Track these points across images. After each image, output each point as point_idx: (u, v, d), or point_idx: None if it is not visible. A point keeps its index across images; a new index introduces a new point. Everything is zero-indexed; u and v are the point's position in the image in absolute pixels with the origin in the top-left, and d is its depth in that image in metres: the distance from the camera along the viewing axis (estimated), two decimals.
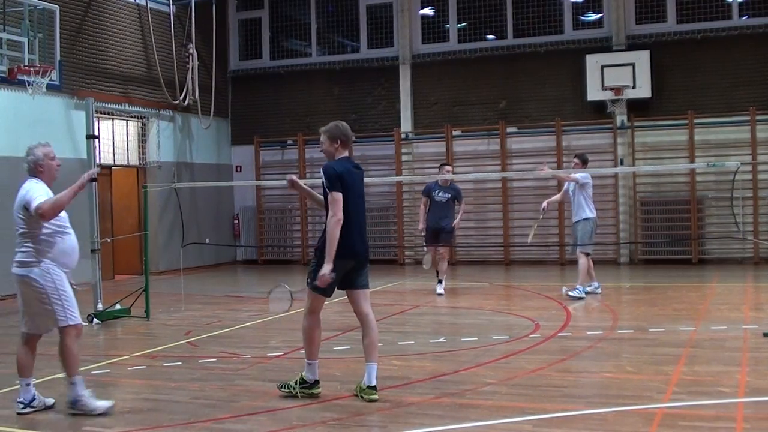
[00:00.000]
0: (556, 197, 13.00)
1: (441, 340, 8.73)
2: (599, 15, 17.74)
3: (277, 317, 10.69)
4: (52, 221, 6.13)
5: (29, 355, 6.29)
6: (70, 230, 6.30)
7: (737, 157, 15.12)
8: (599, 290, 12.01)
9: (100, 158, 14.96)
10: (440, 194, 12.46)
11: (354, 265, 6.35)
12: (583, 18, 17.92)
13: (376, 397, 6.19)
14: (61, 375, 7.37)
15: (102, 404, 6.10)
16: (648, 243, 17.35)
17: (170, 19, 17.73)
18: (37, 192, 6.22)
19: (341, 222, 6.11)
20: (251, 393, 6.68)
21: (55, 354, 8.41)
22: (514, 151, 17.83)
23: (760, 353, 7.56)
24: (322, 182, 6.31)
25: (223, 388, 6.83)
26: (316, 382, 6.34)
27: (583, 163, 11.91)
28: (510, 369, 7.25)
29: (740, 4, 16.85)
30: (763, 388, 6.26)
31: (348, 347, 8.45)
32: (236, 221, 19.92)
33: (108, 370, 7.66)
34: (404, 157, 18.62)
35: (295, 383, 6.35)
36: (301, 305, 6.47)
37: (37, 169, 6.42)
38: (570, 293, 11.52)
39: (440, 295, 12.27)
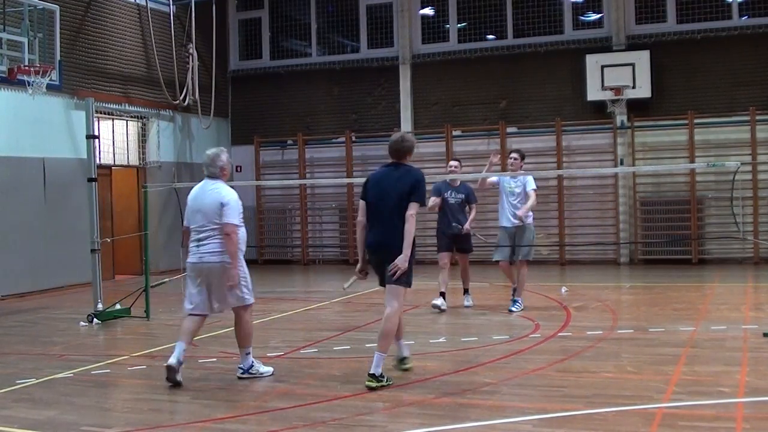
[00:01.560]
0: (493, 179, 10.95)
1: (441, 340, 8.73)
2: (599, 15, 17.74)
3: (277, 317, 10.70)
4: (239, 216, 7.01)
5: (196, 329, 7.18)
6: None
7: (737, 157, 15.13)
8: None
9: (100, 158, 14.97)
10: (453, 195, 11.15)
11: (377, 260, 6.93)
12: (583, 18, 17.91)
13: (372, 384, 6.54)
14: (61, 375, 7.39)
15: (268, 369, 7.15)
16: (648, 243, 17.35)
17: (170, 19, 17.73)
18: (237, 206, 7.04)
19: (360, 223, 7.06)
20: (251, 393, 6.68)
21: (54, 355, 8.45)
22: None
23: (760, 353, 7.56)
24: None
25: (223, 388, 6.83)
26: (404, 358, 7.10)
27: (524, 159, 10.80)
28: (510, 369, 7.25)
29: (740, 4, 16.84)
30: (763, 388, 6.27)
31: (348, 347, 8.45)
32: None
33: (108, 370, 7.66)
34: None
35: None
36: None
37: (222, 172, 7.17)
38: (512, 308, 10.42)
39: (468, 306, 11.05)
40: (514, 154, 10.69)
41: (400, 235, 6.71)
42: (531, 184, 10.51)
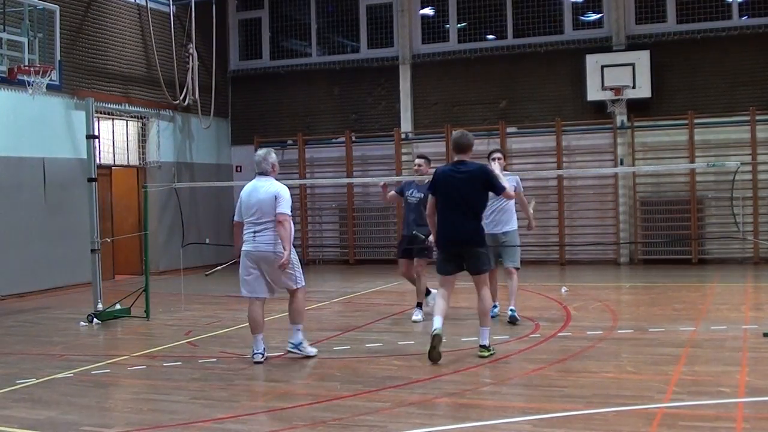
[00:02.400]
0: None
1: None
2: (599, 15, 17.73)
3: (277, 317, 10.70)
4: (290, 208, 7.74)
5: (262, 315, 7.88)
6: None
7: (737, 157, 15.12)
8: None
9: (100, 158, 14.96)
10: (413, 194, 10.00)
11: (458, 251, 7.59)
12: (583, 18, 17.91)
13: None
14: (61, 375, 7.40)
15: (313, 350, 7.94)
16: (648, 243, 17.35)
17: (170, 19, 17.73)
18: (289, 199, 7.77)
19: (429, 216, 7.83)
20: (251, 393, 6.69)
21: (54, 355, 8.46)
22: (514, 151, 17.81)
23: (760, 353, 7.57)
24: None
25: (223, 388, 6.83)
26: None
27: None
28: (510, 369, 7.26)
29: (740, 4, 16.84)
30: (763, 388, 6.27)
31: (348, 347, 8.45)
32: None
33: (108, 370, 7.66)
34: (404, 157, 18.60)
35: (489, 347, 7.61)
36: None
37: (273, 168, 7.98)
38: (518, 319, 9.58)
39: (416, 322, 9.88)
40: (498, 155, 9.60)
41: (475, 228, 7.57)
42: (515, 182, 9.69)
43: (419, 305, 10.08)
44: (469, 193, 7.53)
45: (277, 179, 7.91)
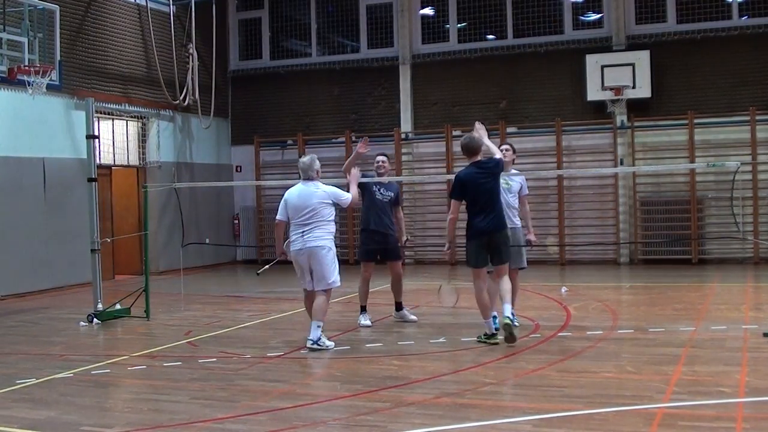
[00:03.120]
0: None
1: (441, 340, 8.72)
2: (599, 15, 17.73)
3: (277, 317, 10.71)
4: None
5: (310, 305, 8.41)
6: None
7: (737, 157, 15.12)
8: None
9: (100, 158, 14.96)
10: (382, 192, 9.84)
11: (490, 241, 8.19)
12: (583, 18, 17.91)
13: (481, 338, 8.22)
14: (61, 375, 7.40)
15: (331, 344, 8.26)
16: (648, 243, 17.34)
17: (170, 19, 17.72)
18: (340, 190, 8.57)
19: (452, 219, 8.32)
20: (251, 393, 6.68)
21: (54, 355, 8.46)
22: None
23: (760, 353, 7.57)
24: None
25: (223, 388, 6.83)
26: (494, 334, 8.22)
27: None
28: (510, 369, 7.26)
29: (740, 4, 16.84)
30: (763, 388, 6.27)
31: (348, 347, 8.45)
32: (236, 221, 19.92)
33: (108, 370, 7.66)
34: (404, 157, 18.61)
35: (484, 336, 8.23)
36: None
37: (317, 173, 8.55)
38: (515, 326, 8.73)
39: (413, 321, 9.93)
40: (507, 146, 9.37)
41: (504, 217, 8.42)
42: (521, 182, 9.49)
43: (399, 305, 10.14)
44: (494, 186, 8.32)
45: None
